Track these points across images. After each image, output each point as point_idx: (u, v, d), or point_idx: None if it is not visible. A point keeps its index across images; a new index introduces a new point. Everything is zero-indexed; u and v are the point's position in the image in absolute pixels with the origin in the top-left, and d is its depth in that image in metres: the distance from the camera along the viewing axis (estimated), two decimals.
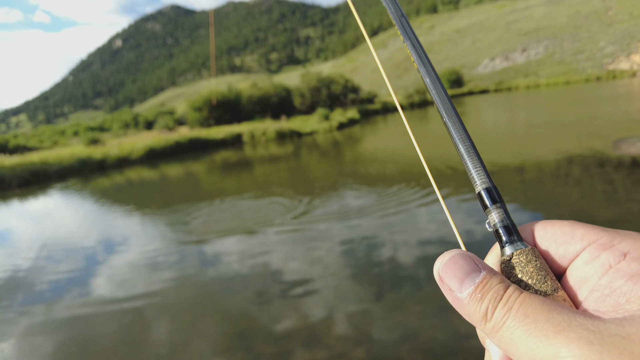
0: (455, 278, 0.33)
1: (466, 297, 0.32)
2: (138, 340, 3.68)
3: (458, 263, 0.34)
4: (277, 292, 4.31)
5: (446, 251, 0.36)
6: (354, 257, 5.01)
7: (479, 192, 0.37)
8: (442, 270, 0.35)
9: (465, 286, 0.33)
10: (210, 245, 6.12)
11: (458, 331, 3.25)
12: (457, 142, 0.39)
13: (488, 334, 0.31)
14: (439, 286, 0.35)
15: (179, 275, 5.05)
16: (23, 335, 4.04)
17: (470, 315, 0.33)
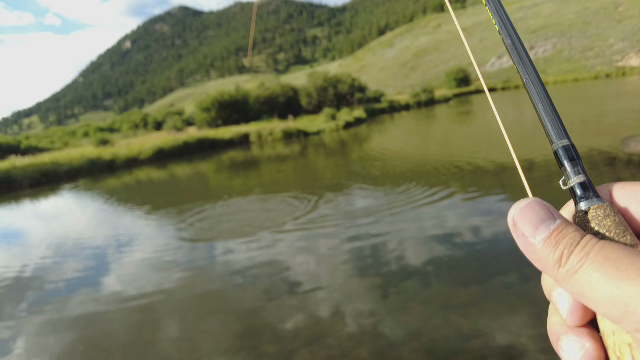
0: (530, 224, 0.33)
1: (539, 242, 0.32)
2: (147, 337, 3.75)
3: (534, 209, 0.34)
4: (283, 290, 4.36)
5: (522, 198, 0.35)
6: (360, 256, 5.06)
7: (555, 150, 0.37)
8: (517, 215, 0.34)
9: (540, 232, 0.32)
10: (217, 244, 6.20)
11: (461, 331, 3.25)
12: (535, 99, 0.37)
13: (560, 280, 0.31)
14: (512, 232, 0.34)
15: (187, 274, 5.13)
16: (35, 332, 4.12)
17: (542, 260, 0.32)
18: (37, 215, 11.11)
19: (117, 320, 4.15)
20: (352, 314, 3.70)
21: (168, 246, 6.37)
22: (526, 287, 3.84)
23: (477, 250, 4.78)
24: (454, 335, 3.21)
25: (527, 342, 3.00)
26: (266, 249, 5.67)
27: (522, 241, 0.33)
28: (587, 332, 0.32)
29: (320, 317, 3.71)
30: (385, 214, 6.52)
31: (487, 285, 3.94)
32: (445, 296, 3.85)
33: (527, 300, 3.59)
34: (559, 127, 0.37)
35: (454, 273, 4.28)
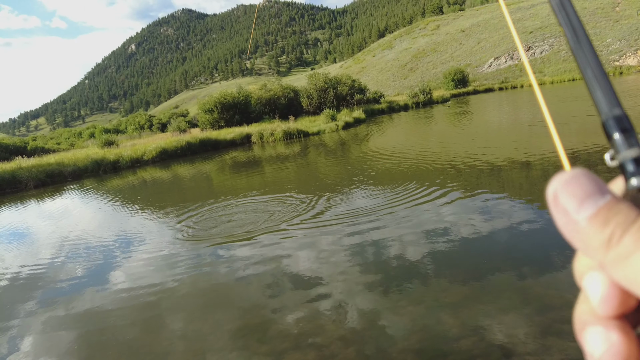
0: (575, 197, 0.28)
1: (585, 219, 0.28)
2: (152, 333, 3.92)
3: (580, 181, 0.29)
4: (280, 290, 4.49)
5: (564, 171, 0.31)
6: (358, 256, 5.22)
7: (604, 120, 0.32)
8: (561, 188, 0.29)
9: (586, 207, 0.28)
10: (219, 243, 6.38)
11: (451, 331, 3.25)
12: (584, 63, 0.33)
13: (609, 264, 0.27)
14: (550, 208, 0.30)
15: (190, 272, 5.30)
16: (43, 330, 4.30)
17: (586, 241, 0.28)
18: (42, 215, 11.47)
19: (124, 318, 4.31)
20: (344, 314, 3.73)
21: (172, 244, 6.61)
22: (521, 285, 3.84)
23: (471, 249, 4.86)
24: (444, 335, 3.23)
25: (517, 342, 3.02)
26: (267, 247, 5.81)
27: (564, 218, 0.29)
28: (618, 325, 0.29)
29: (312, 317, 3.75)
30: (385, 212, 6.66)
31: (479, 285, 3.97)
32: (436, 296, 3.88)
33: (521, 300, 3.59)
34: (611, 94, 0.32)
35: (448, 272, 4.32)
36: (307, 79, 37.52)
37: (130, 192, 13.18)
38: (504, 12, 0.43)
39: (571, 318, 2.68)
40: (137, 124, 56.96)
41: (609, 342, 0.28)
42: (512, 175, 8.19)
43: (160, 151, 22.13)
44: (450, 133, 17.12)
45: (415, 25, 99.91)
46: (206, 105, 32.45)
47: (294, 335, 3.52)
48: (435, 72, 61.76)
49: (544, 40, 54.12)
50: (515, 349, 2.96)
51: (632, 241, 0.25)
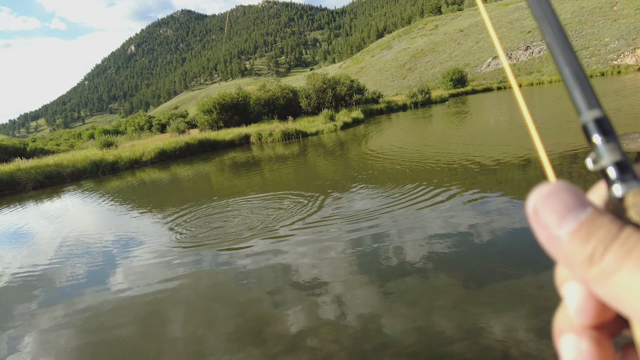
0: (555, 212, 0.28)
1: (566, 235, 0.27)
2: (152, 335, 3.91)
3: (560, 196, 0.28)
4: (275, 292, 4.49)
5: (545, 183, 0.30)
6: (356, 256, 5.24)
7: (584, 123, 0.30)
8: (540, 203, 0.29)
9: (567, 222, 0.27)
10: (218, 245, 6.38)
11: (443, 335, 3.24)
12: (561, 62, 0.31)
13: (592, 280, 0.26)
14: (531, 223, 0.29)
15: (190, 272, 5.31)
16: (44, 331, 4.29)
17: (568, 257, 0.27)
18: (40, 216, 11.46)
19: (121, 319, 4.32)
20: (338, 316, 3.73)
21: (170, 246, 6.61)
22: (516, 287, 3.83)
23: (468, 250, 4.84)
24: (438, 337, 3.22)
25: (512, 344, 3.01)
26: (265, 249, 5.81)
27: (544, 233, 0.29)
28: (592, 334, 0.29)
29: (306, 319, 3.75)
30: (383, 213, 6.66)
31: (474, 286, 3.97)
32: (431, 298, 3.86)
33: (516, 301, 3.58)
34: (590, 94, 0.31)
35: (443, 274, 4.31)
36: (306, 79, 37.53)
37: (129, 193, 13.17)
38: (482, 12, 0.45)
39: None
40: (136, 125, 57.04)
41: (578, 350, 0.29)
42: (510, 175, 8.19)
43: (158, 152, 22.12)
44: (448, 133, 17.12)
45: (413, 25, 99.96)
46: (205, 105, 32.45)
47: (288, 337, 3.52)
48: (434, 72, 61.80)
49: (542, 40, 54.09)
50: (510, 351, 2.95)
51: (614, 258, 0.25)
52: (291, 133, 24.45)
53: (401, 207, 6.88)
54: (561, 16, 58.61)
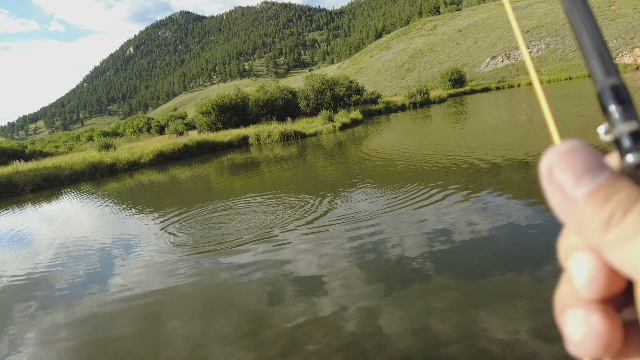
0: (571, 172, 0.26)
1: (582, 196, 0.25)
2: (151, 337, 3.91)
3: (578, 155, 0.26)
4: (273, 295, 4.51)
5: (561, 142, 0.28)
6: (356, 257, 5.26)
7: (599, 90, 0.29)
8: (556, 161, 0.27)
9: (584, 184, 0.25)
10: (217, 247, 6.40)
11: (439, 337, 3.22)
12: (579, 27, 0.29)
13: (607, 246, 0.24)
14: (543, 184, 0.27)
15: (189, 274, 5.32)
16: (43, 333, 4.30)
17: (582, 220, 0.25)
18: (38, 219, 11.47)
19: (123, 321, 4.34)
20: (333, 320, 3.71)
21: (168, 249, 6.61)
22: (512, 288, 3.81)
23: (465, 252, 4.83)
24: (432, 340, 3.19)
25: (506, 347, 2.99)
26: (263, 252, 5.81)
27: (558, 195, 0.27)
28: (601, 308, 0.27)
29: (301, 324, 3.73)
30: (381, 214, 6.66)
31: (469, 288, 3.94)
32: (426, 300, 3.83)
33: (511, 303, 3.56)
34: (608, 61, 0.29)
35: (438, 276, 4.29)
36: (305, 80, 37.54)
37: (127, 196, 13.16)
38: (508, 10, 0.35)
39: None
40: (135, 127, 57.01)
41: (590, 325, 0.27)
42: (510, 175, 8.18)
43: (157, 154, 22.11)
44: (447, 133, 17.13)
45: (412, 26, 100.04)
46: (204, 107, 32.45)
47: (284, 340, 3.51)
48: (433, 72, 61.83)
49: (540, 39, 54.23)
50: (506, 354, 2.94)
51: (635, 222, 0.23)
52: (290, 134, 24.46)
53: (399, 207, 6.87)
54: (559, 15, 58.76)
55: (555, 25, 56.27)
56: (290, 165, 14.50)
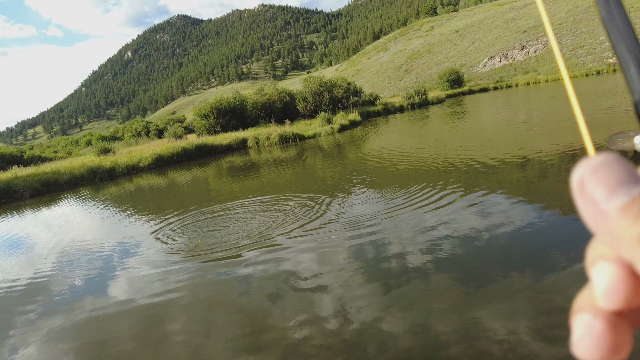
0: (605, 185, 0.25)
1: (616, 209, 0.25)
2: (152, 342, 3.91)
3: (612, 167, 0.26)
4: (274, 297, 4.52)
5: (594, 155, 0.27)
6: (357, 260, 5.26)
7: (636, 100, 0.28)
8: (589, 174, 0.26)
9: (617, 196, 0.25)
10: (218, 251, 6.40)
11: (440, 339, 3.21)
12: (616, 36, 0.29)
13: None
14: (575, 197, 0.27)
15: (186, 280, 5.30)
16: (45, 336, 4.31)
17: (616, 234, 0.25)
18: (37, 224, 11.45)
19: (124, 326, 4.34)
20: (333, 323, 3.70)
21: (169, 252, 6.61)
22: (513, 289, 3.80)
23: (465, 252, 4.81)
24: (434, 342, 3.19)
25: (507, 348, 2.98)
26: (263, 255, 5.80)
27: (591, 208, 0.26)
28: (609, 317, 0.27)
29: (301, 326, 3.72)
30: (381, 216, 6.65)
31: (470, 289, 3.93)
32: (427, 302, 3.83)
33: (512, 304, 3.55)
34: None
35: (439, 277, 4.27)
36: (303, 82, 37.57)
37: (126, 200, 13.15)
38: (539, 4, 0.33)
39: (562, 323, 2.65)
40: (134, 131, 57.08)
41: (590, 328, 0.27)
42: (509, 175, 8.17)
43: (156, 158, 22.11)
44: (446, 134, 17.14)
45: (409, 27, 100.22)
46: (202, 110, 32.46)
47: (284, 344, 3.50)
48: (430, 73, 61.90)
49: (537, 39, 54.36)
50: (506, 355, 2.93)
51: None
52: (288, 136, 24.48)
53: (399, 209, 6.87)
54: (556, 15, 58.93)
55: (553, 25, 56.23)
56: (289, 168, 14.50)
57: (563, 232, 5.01)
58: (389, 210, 6.88)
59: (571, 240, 4.72)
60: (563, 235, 4.91)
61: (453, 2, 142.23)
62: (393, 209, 6.94)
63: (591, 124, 12.35)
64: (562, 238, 4.84)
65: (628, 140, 8.95)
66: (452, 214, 6.22)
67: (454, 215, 6.15)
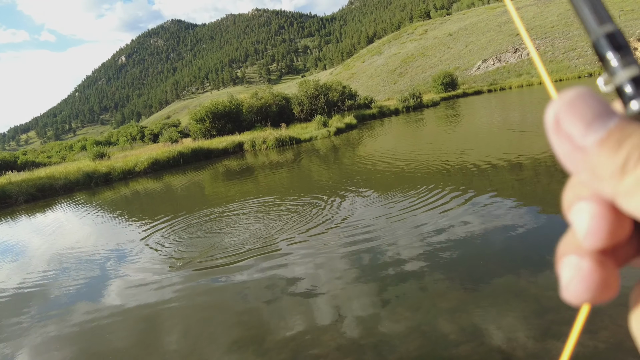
0: (580, 120, 0.25)
1: (594, 144, 0.24)
2: (152, 345, 3.91)
3: (587, 102, 0.25)
4: (279, 301, 4.55)
5: (567, 90, 0.26)
6: (354, 264, 5.28)
7: (594, 40, 0.27)
8: (563, 110, 0.25)
9: (594, 131, 0.24)
10: (215, 256, 6.42)
11: (448, 338, 3.21)
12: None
13: (622, 193, 0.23)
14: (550, 136, 0.26)
15: (184, 286, 5.30)
16: (37, 346, 4.25)
17: (595, 169, 0.24)
18: (33, 229, 11.36)
19: (118, 332, 4.30)
20: (341, 324, 3.69)
21: (166, 258, 6.60)
22: (518, 288, 3.82)
23: (467, 252, 4.83)
24: (443, 340, 3.19)
25: (517, 345, 2.99)
26: (263, 260, 5.80)
27: (567, 145, 0.25)
28: (595, 255, 0.27)
29: (308, 328, 3.70)
30: (380, 218, 6.69)
31: (475, 288, 3.95)
32: (433, 301, 3.83)
33: (518, 302, 3.57)
34: (600, 8, 0.28)
35: (444, 277, 4.29)
36: (298, 86, 37.62)
37: (122, 204, 13.06)
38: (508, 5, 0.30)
39: (569, 319, 2.65)
40: (128, 136, 56.83)
41: (577, 269, 0.27)
42: (504, 177, 8.20)
43: (152, 162, 22.01)
44: (441, 137, 17.21)
45: (403, 31, 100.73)
46: (197, 114, 32.38)
47: (291, 346, 3.47)
48: (425, 76, 62.18)
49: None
50: (515, 352, 2.93)
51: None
52: (285, 140, 24.47)
53: (398, 211, 6.88)
54: (548, 19, 59.49)
55: (544, 28, 56.92)
56: (286, 171, 14.48)
57: (558, 232, 5.02)
58: (387, 213, 6.88)
59: None
60: (558, 235, 4.92)
61: (446, 6, 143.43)
62: (390, 212, 6.94)
63: None
64: (557, 238, 4.85)
65: None
66: (449, 216, 6.23)
67: (452, 217, 6.16)
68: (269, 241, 6.37)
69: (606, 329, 3.05)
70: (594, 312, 3.20)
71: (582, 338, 2.98)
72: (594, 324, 3.11)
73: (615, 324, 3.07)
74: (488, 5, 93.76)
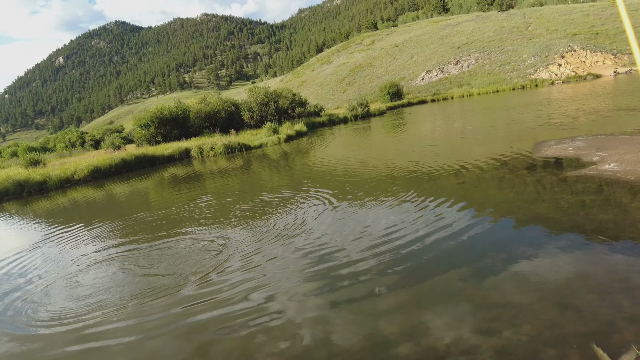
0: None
1: None
2: None
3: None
4: (235, 309, 4.63)
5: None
6: (306, 269, 5.33)
7: None
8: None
9: None
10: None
11: (388, 339, 3.33)
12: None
13: None
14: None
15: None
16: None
17: None
18: None
19: (51, 348, 4.26)
20: (278, 331, 3.74)
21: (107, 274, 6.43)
22: (455, 288, 3.99)
23: (408, 256, 4.95)
24: (383, 342, 3.30)
25: (451, 343, 3.14)
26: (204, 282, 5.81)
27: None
28: None
29: (251, 338, 3.70)
30: (326, 223, 6.80)
31: (415, 291, 4.08)
32: (374, 304, 3.93)
33: (455, 302, 3.73)
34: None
35: (384, 280, 4.39)
36: (248, 92, 37.30)
37: (59, 215, 12.30)
38: (621, 9, 0.27)
39: (500, 316, 2.85)
40: (67, 142, 53.60)
41: None
42: (448, 180, 8.57)
43: (92, 169, 20.91)
44: (388, 144, 17.71)
45: (351, 41, 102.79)
46: (142, 120, 31.18)
47: (234, 355, 3.48)
48: (372, 86, 63.77)
49: (470, 55, 57.88)
50: (449, 350, 3.10)
51: None
52: (234, 146, 24.15)
53: (344, 215, 7.00)
54: (485, 34, 63.15)
55: (482, 42, 60.41)
56: (235, 177, 14.30)
57: (497, 235, 5.36)
58: (334, 217, 6.98)
59: (504, 242, 5.08)
60: (496, 238, 5.26)
61: (392, 18, 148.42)
62: (338, 215, 7.06)
63: (518, 135, 13.37)
64: (496, 240, 5.18)
65: (549, 149, 9.85)
66: (394, 219, 6.41)
67: (396, 219, 6.34)
68: (213, 256, 6.26)
69: (529, 322, 3.32)
70: (518, 308, 3.48)
71: (506, 332, 3.23)
72: (518, 318, 3.38)
73: (537, 318, 3.35)
74: (431, 19, 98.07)
